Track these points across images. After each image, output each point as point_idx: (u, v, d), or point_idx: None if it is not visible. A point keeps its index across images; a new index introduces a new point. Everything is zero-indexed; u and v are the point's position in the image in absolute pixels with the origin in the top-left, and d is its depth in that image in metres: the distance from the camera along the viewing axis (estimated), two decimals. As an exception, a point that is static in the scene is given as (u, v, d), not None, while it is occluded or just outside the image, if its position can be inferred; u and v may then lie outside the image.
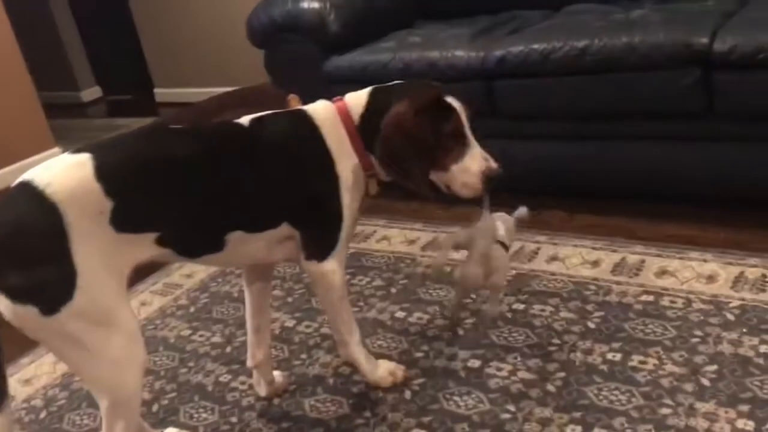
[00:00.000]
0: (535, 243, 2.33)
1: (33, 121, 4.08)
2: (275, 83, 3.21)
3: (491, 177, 1.51)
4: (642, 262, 2.11)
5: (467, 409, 1.64)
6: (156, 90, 5.53)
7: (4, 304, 1.23)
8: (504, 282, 1.79)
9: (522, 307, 1.99)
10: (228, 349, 2.04)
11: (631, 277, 2.04)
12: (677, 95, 2.18)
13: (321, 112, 1.55)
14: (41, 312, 1.23)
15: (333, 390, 1.79)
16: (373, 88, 1.59)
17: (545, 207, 2.58)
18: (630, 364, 1.69)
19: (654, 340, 1.76)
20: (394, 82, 1.61)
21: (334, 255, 1.56)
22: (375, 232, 2.60)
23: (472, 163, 1.52)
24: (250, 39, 3.15)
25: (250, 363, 1.77)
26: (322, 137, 1.51)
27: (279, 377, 1.82)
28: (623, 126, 2.37)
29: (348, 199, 1.53)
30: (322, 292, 1.64)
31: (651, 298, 1.93)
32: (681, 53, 2.14)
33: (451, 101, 1.51)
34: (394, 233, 2.57)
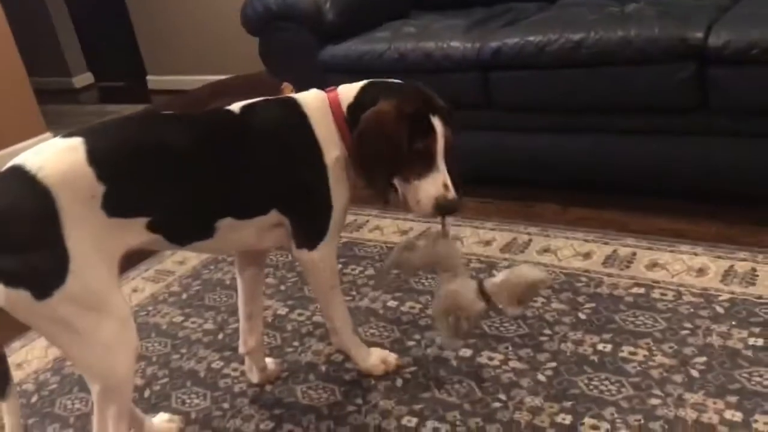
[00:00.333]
0: (527, 234, 2.34)
1: (24, 107, 4.06)
2: (270, 72, 3.21)
3: (443, 205, 1.47)
4: (633, 254, 2.13)
5: (459, 398, 1.65)
6: (149, 77, 5.51)
7: None
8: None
9: (514, 298, 2.00)
10: (220, 336, 2.04)
11: (623, 270, 2.06)
12: (672, 89, 2.19)
13: (311, 101, 1.54)
14: (33, 296, 1.23)
15: (325, 377, 1.80)
16: (368, 81, 1.57)
17: (538, 199, 2.59)
18: (620, 355, 1.71)
19: (644, 331, 1.78)
20: (392, 79, 1.58)
21: (324, 244, 1.56)
22: (368, 221, 2.61)
23: (429, 187, 1.47)
24: (244, 26, 3.14)
25: (242, 349, 1.78)
26: (310, 126, 1.50)
27: (271, 364, 1.83)
28: (617, 120, 2.38)
29: (337, 189, 1.53)
30: (313, 280, 1.64)
31: (642, 290, 1.94)
32: (676, 47, 2.15)
33: (436, 123, 1.46)
34: (386, 223, 2.58)
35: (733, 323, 1.75)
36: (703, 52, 2.11)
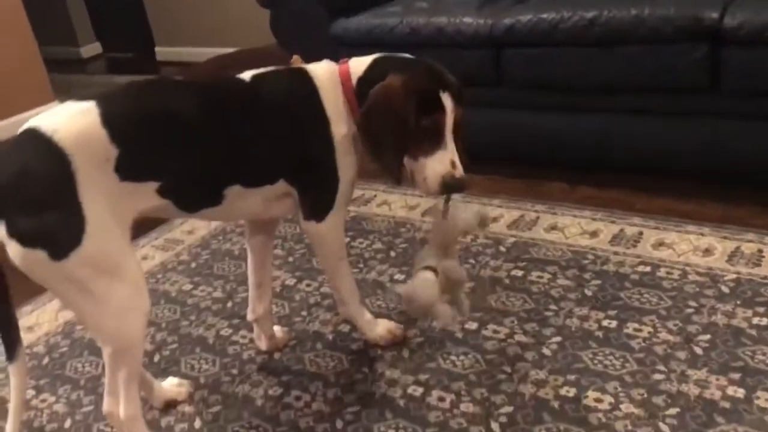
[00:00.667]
0: (535, 212, 2.35)
1: (33, 75, 4.06)
2: (280, 45, 3.20)
3: (449, 184, 1.45)
4: (640, 233, 2.14)
5: (464, 369, 1.67)
6: (157, 48, 5.49)
7: (14, 248, 1.24)
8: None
9: (520, 274, 2.02)
10: (229, 305, 2.07)
11: (629, 248, 2.07)
12: (684, 70, 2.19)
13: (322, 72, 1.53)
14: (50, 256, 1.24)
15: (332, 346, 1.82)
16: (380, 55, 1.56)
17: (546, 178, 2.60)
18: (625, 331, 1.73)
19: (649, 309, 1.79)
20: (404, 54, 1.57)
21: (331, 216, 1.57)
22: (375, 196, 2.62)
23: (436, 164, 1.46)
24: (256, -2, 3.13)
25: (250, 316, 1.80)
26: (319, 98, 1.50)
27: (279, 332, 1.85)
28: (628, 99, 2.38)
29: (344, 162, 1.53)
30: (321, 252, 1.66)
31: (648, 268, 1.96)
32: (690, 27, 2.14)
33: (446, 100, 1.45)
34: (394, 198, 2.59)
35: (738, 303, 1.77)
36: (718, 32, 2.10)
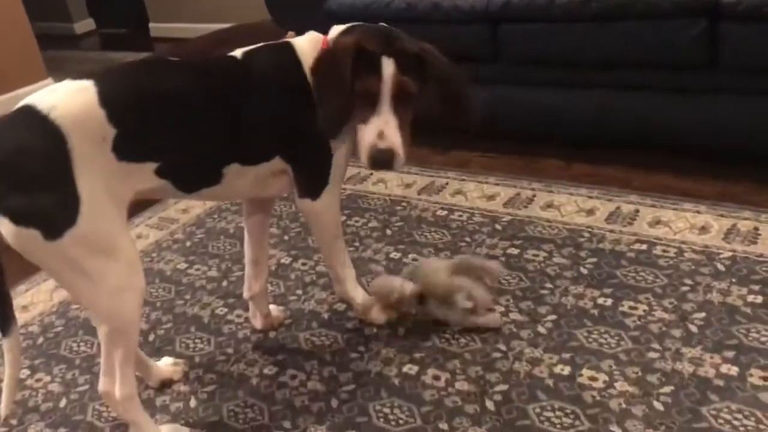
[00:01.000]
0: (531, 190, 2.35)
1: (26, 52, 4.01)
2: (275, 21, 3.16)
3: (375, 157, 1.39)
4: (636, 211, 2.13)
5: (459, 347, 1.68)
6: (151, 24, 5.43)
7: (6, 227, 1.23)
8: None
9: (516, 252, 2.01)
10: (224, 284, 2.06)
11: (625, 226, 2.07)
12: (682, 46, 2.17)
13: (305, 44, 1.51)
14: (44, 236, 1.23)
15: (328, 325, 1.82)
16: (355, 24, 1.52)
17: (543, 155, 2.59)
18: (620, 309, 1.73)
19: (645, 287, 1.79)
20: (381, 23, 1.52)
21: (326, 193, 1.56)
22: (371, 174, 2.60)
23: (366, 134, 1.40)
24: (250, -27, 3.08)
25: (246, 294, 1.79)
26: (302, 69, 1.48)
27: (275, 311, 1.85)
28: (625, 76, 2.36)
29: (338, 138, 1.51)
30: (316, 230, 1.65)
31: (644, 246, 1.95)
32: (689, 2, 2.11)
33: (386, 64, 1.37)
34: (390, 176, 2.57)
35: (733, 280, 1.77)
36: (716, 7, 2.08)
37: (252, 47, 1.51)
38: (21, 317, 2.02)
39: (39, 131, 1.23)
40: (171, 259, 2.22)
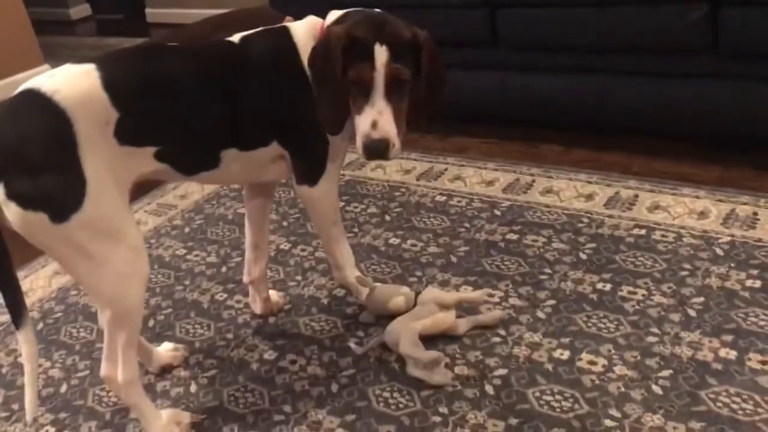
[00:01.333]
0: (530, 175, 2.34)
1: (22, 38, 3.99)
2: (273, 5, 3.14)
3: (368, 147, 1.37)
4: (635, 196, 2.13)
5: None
6: (148, 10, 5.40)
7: (13, 211, 1.22)
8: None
9: (515, 237, 2.01)
10: (223, 269, 2.06)
11: (624, 211, 2.07)
12: (682, 31, 2.16)
13: (302, 29, 1.49)
14: (51, 219, 1.23)
15: (327, 311, 1.83)
16: (350, 10, 1.50)
17: (542, 140, 2.59)
18: (619, 294, 1.73)
19: (644, 272, 1.80)
20: (377, 10, 1.48)
21: (324, 180, 1.55)
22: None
23: (360, 123, 1.38)
24: (247, -43, 3.06)
25: (246, 279, 1.80)
26: (298, 55, 1.46)
27: (274, 296, 1.85)
28: (625, 61, 2.36)
29: None
30: (315, 216, 1.65)
31: (643, 231, 1.96)
32: (689, -14, 2.11)
33: (379, 52, 1.34)
34: (389, 162, 2.55)
35: (732, 265, 1.77)
36: (717, -9, 2.07)
37: (249, 32, 1.50)
38: (20, 303, 2.02)
39: (44, 114, 1.23)
40: (170, 245, 2.22)
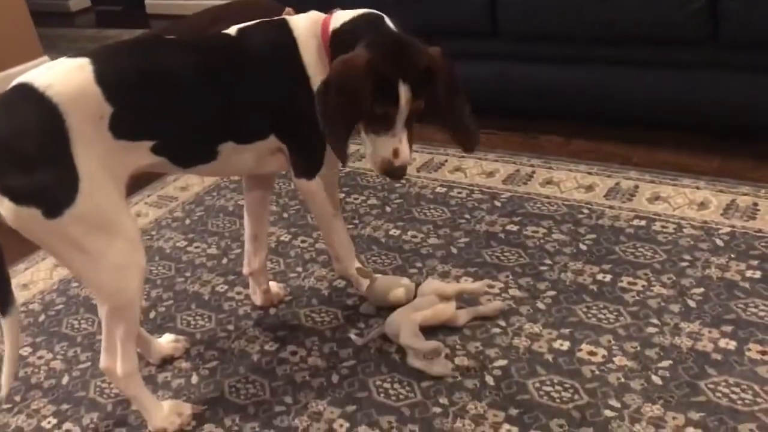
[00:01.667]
0: (530, 167, 2.34)
1: (21, 29, 3.97)
2: (272, -4, 3.13)
3: (389, 171, 1.41)
4: (636, 187, 2.13)
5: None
6: (147, 1, 5.37)
7: (6, 206, 1.23)
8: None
9: (515, 229, 2.01)
10: (224, 261, 2.06)
11: (624, 202, 2.07)
12: (683, 21, 2.15)
13: (302, 23, 1.48)
14: (44, 214, 1.23)
15: (328, 302, 1.83)
16: (364, 12, 1.46)
17: (542, 131, 2.58)
18: (619, 285, 1.73)
19: (644, 262, 1.80)
20: (387, 21, 1.44)
21: (322, 173, 1.55)
22: (370, 151, 2.59)
23: (380, 148, 1.40)
24: (246, -52, 3.04)
25: (246, 270, 1.80)
26: (297, 50, 1.46)
27: (275, 287, 1.85)
28: (625, 51, 2.35)
29: None
30: (314, 209, 1.64)
31: (643, 222, 1.96)
32: (689, -24, 2.10)
33: (403, 91, 1.35)
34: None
35: (732, 256, 1.77)
36: (717, -19, 2.06)
37: (247, 24, 1.49)
38: (21, 295, 2.03)
39: (36, 109, 1.23)
40: (170, 237, 2.22)
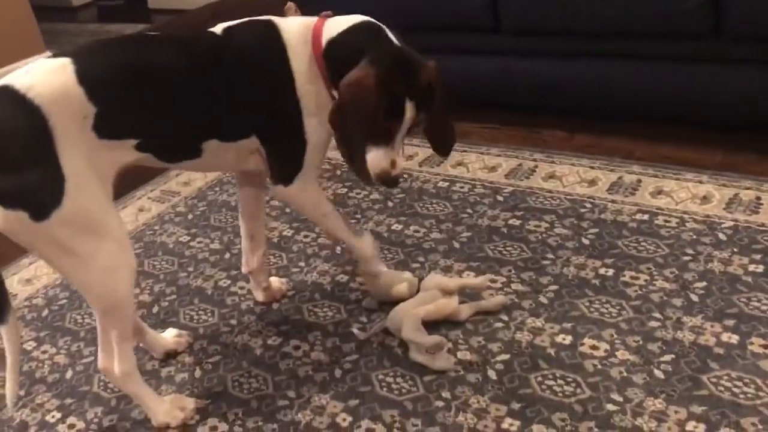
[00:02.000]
0: (533, 161, 2.34)
1: (23, 24, 3.97)
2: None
3: (385, 180, 1.43)
4: (638, 181, 2.13)
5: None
6: (149, -4, 5.37)
7: None
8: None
9: (517, 223, 2.01)
10: (227, 256, 2.07)
11: (627, 197, 2.07)
12: (685, 14, 2.14)
13: (293, 27, 1.47)
14: (31, 217, 1.23)
15: (330, 296, 1.83)
16: (359, 21, 1.46)
17: (544, 126, 2.58)
18: (622, 279, 1.74)
19: (646, 257, 1.80)
20: (383, 29, 1.45)
21: (300, 178, 1.52)
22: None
23: (378, 157, 1.42)
24: (248, -58, 3.04)
25: (244, 269, 1.80)
26: (286, 54, 1.44)
27: (276, 282, 1.85)
28: (628, 45, 2.34)
29: (311, 123, 1.47)
30: (301, 211, 1.63)
31: (645, 216, 1.96)
32: (692, -31, 2.09)
33: (408, 107, 1.40)
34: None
35: (735, 250, 1.77)
36: (720, -26, 2.05)
37: (233, 23, 1.47)
38: (25, 290, 2.03)
39: (18, 112, 1.22)
40: (173, 232, 2.23)
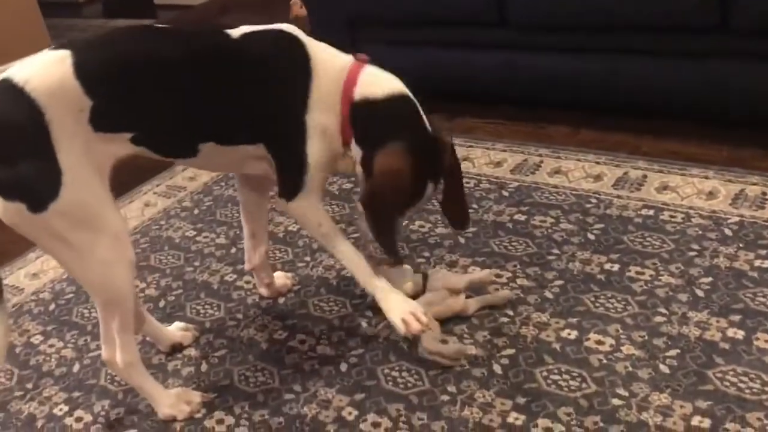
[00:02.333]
0: (539, 156, 2.34)
1: (29, 20, 3.98)
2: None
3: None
4: (644, 177, 2.13)
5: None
6: (154, -9, 5.37)
7: None
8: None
9: (523, 218, 2.01)
10: (233, 250, 2.07)
11: (633, 192, 2.06)
12: (692, 8, 2.14)
13: (327, 60, 1.45)
14: (29, 209, 1.24)
15: (336, 291, 1.84)
16: (401, 95, 1.46)
17: (550, 121, 2.58)
18: (627, 274, 1.73)
19: (652, 252, 1.80)
20: (414, 103, 1.47)
21: (302, 197, 1.50)
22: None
23: None
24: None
25: (247, 267, 1.80)
26: (310, 83, 1.42)
27: (280, 278, 1.86)
28: (633, 40, 2.33)
29: (315, 148, 1.45)
30: (304, 228, 1.63)
31: (651, 212, 1.95)
32: (699, -38, 2.08)
33: (429, 187, 1.50)
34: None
35: (741, 245, 1.77)
36: (728, -33, 2.05)
37: (255, 29, 1.43)
38: (32, 284, 2.05)
39: (16, 104, 1.23)
40: (179, 227, 2.24)
